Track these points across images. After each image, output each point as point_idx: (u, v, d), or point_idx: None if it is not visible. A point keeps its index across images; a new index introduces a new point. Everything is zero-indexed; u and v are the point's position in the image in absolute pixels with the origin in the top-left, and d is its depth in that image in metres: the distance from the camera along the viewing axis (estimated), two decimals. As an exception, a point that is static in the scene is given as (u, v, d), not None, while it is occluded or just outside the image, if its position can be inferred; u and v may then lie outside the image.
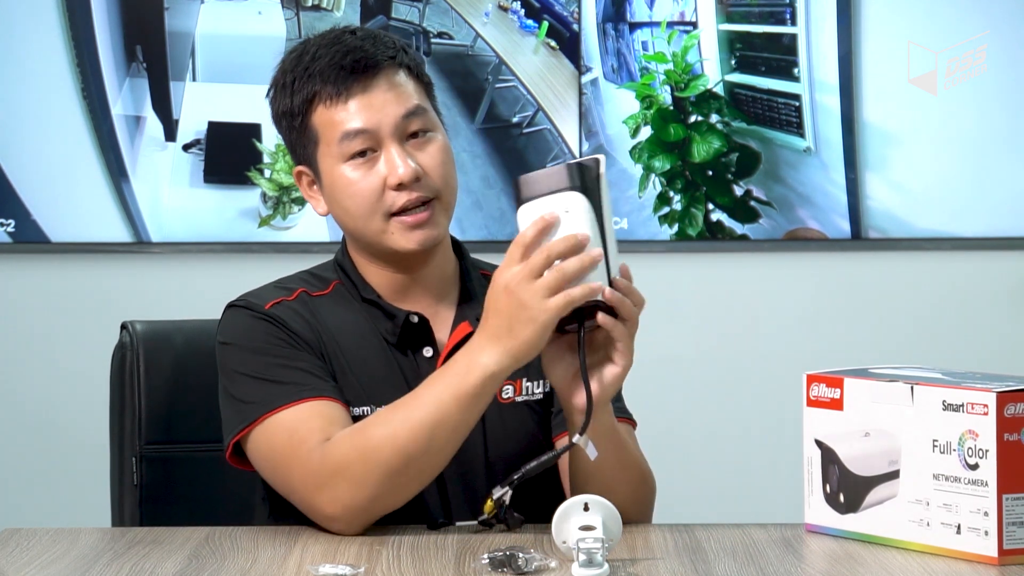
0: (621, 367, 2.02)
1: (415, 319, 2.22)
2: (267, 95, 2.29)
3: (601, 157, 2.01)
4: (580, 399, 2.02)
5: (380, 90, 2.19)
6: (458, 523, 2.13)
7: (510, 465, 2.15)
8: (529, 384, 2.25)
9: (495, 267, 2.34)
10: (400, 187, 2.17)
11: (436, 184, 2.20)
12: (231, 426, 2.16)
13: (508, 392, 2.23)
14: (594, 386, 2.02)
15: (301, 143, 2.23)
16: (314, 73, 2.20)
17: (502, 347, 1.99)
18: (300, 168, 2.26)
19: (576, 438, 2.01)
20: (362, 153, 2.18)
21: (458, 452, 2.11)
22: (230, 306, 2.24)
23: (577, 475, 2.12)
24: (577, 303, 1.96)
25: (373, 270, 2.25)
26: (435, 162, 2.20)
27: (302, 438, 2.08)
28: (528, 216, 2.00)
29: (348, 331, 2.22)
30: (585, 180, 1.98)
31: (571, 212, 1.97)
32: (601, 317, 1.98)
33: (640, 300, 2.01)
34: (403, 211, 2.18)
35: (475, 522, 2.08)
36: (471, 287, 2.27)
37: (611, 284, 1.99)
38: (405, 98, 2.20)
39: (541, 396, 2.26)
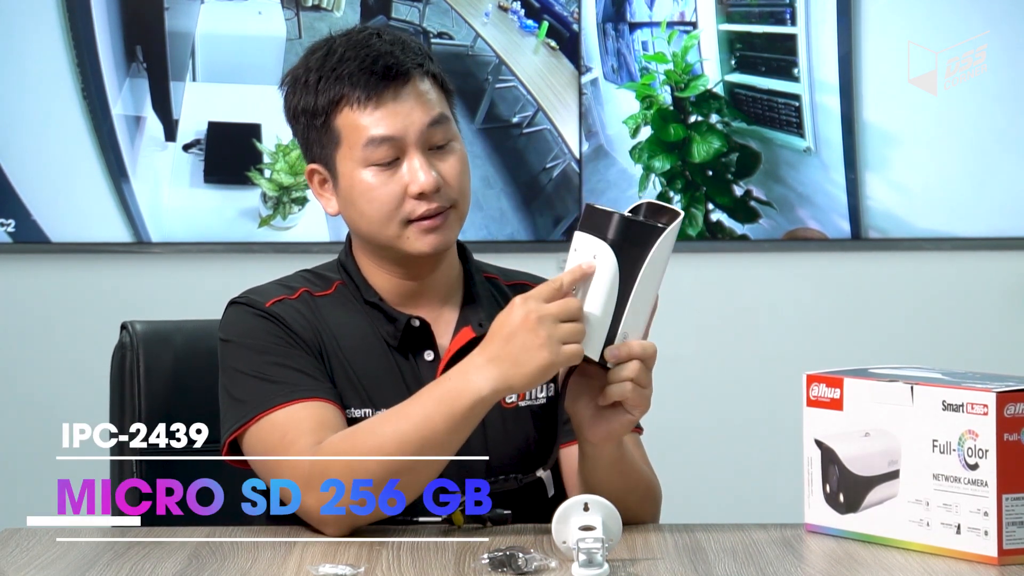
0: (634, 416, 2.04)
1: (416, 323, 2.22)
2: (281, 86, 2.27)
3: (678, 217, 1.98)
4: (594, 435, 2.06)
5: (408, 98, 2.19)
6: (420, 518, 2.13)
7: (511, 469, 2.17)
8: (533, 389, 2.25)
9: (499, 269, 2.34)
10: (421, 196, 2.18)
11: (454, 195, 2.21)
12: (227, 424, 2.16)
13: (512, 397, 2.23)
14: (604, 428, 2.04)
15: (320, 143, 2.23)
16: (343, 75, 2.19)
17: (502, 374, 1.99)
18: (314, 166, 2.25)
19: (539, 472, 2.08)
20: (386, 162, 2.19)
21: (459, 457, 2.11)
22: (232, 302, 2.24)
23: (585, 491, 2.12)
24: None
25: (379, 273, 2.25)
26: (454, 172, 2.21)
27: (292, 440, 2.08)
28: (575, 245, 1.99)
29: (349, 333, 2.22)
30: (630, 236, 1.96)
31: (598, 259, 1.97)
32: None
33: (645, 355, 2.01)
34: (420, 218, 2.19)
35: (438, 519, 2.09)
36: (475, 291, 2.27)
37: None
38: (430, 107, 2.20)
39: (544, 401, 2.26)
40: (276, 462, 2.10)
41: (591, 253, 1.97)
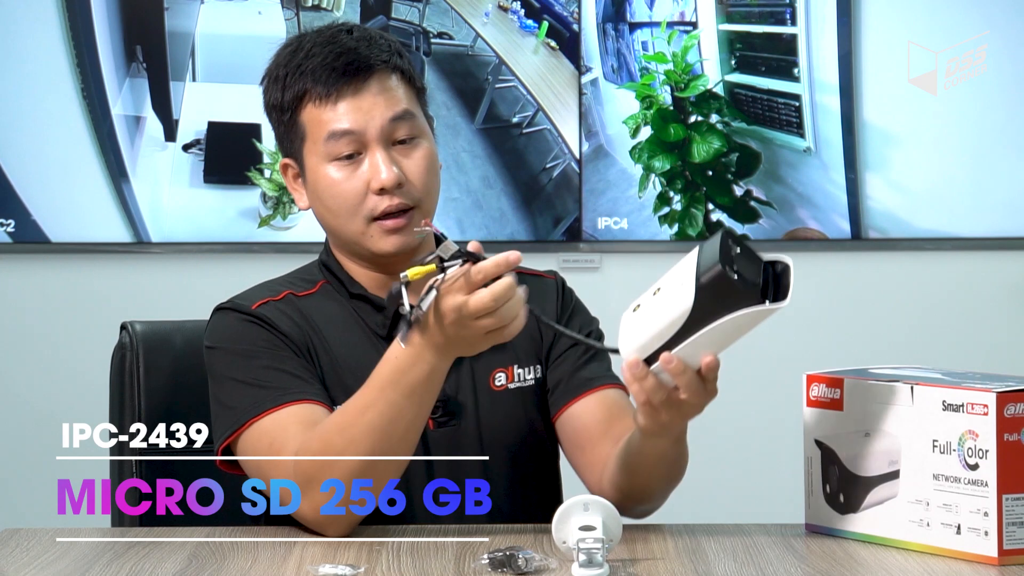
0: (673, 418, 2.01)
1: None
2: (261, 82, 2.29)
3: (780, 305, 1.92)
4: (642, 422, 2.00)
5: (370, 93, 2.20)
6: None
7: (505, 453, 2.20)
8: (521, 371, 2.26)
9: None
10: (382, 192, 2.18)
11: (418, 192, 2.20)
12: (219, 432, 2.16)
13: (501, 380, 2.24)
14: (652, 419, 2.00)
15: (289, 137, 2.25)
16: (306, 71, 2.20)
17: (446, 354, 1.98)
18: (286, 160, 2.28)
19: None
20: (348, 155, 2.19)
21: (451, 443, 2.13)
22: (218, 308, 2.25)
23: (627, 463, 2.11)
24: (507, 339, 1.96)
25: (357, 268, 2.26)
26: (419, 170, 2.21)
27: (280, 446, 2.09)
28: (684, 261, 1.89)
29: (337, 328, 2.23)
30: (719, 292, 1.87)
31: (680, 293, 1.88)
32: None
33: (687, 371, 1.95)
34: (383, 216, 2.19)
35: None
36: None
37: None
38: (394, 102, 2.21)
39: (532, 382, 2.27)
40: (266, 468, 2.11)
41: (680, 281, 1.88)
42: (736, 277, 1.86)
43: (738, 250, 1.88)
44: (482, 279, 1.92)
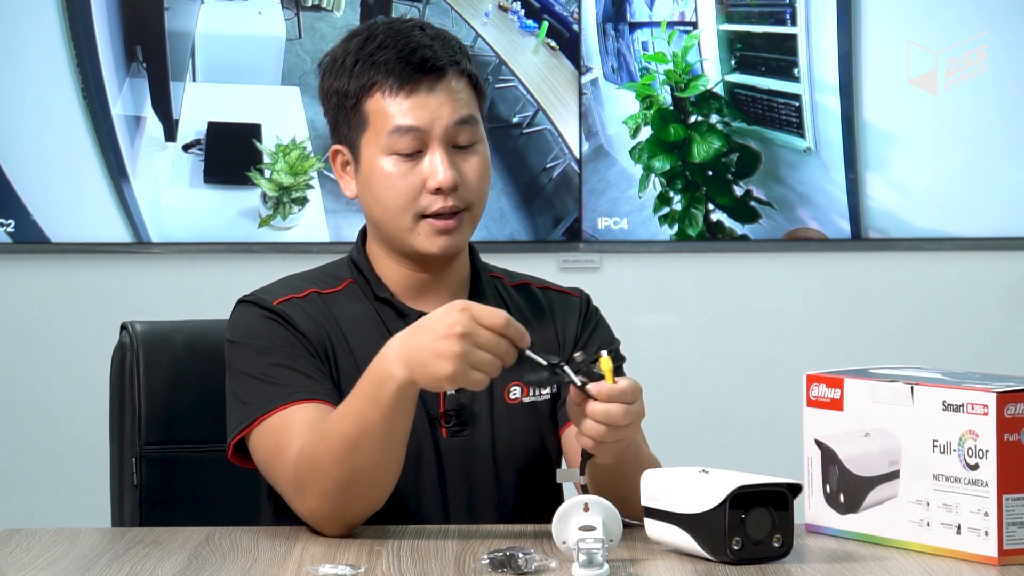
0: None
1: None
2: (319, 65, 2.28)
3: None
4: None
5: (440, 93, 2.20)
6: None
7: (518, 466, 2.20)
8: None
9: (504, 270, 2.35)
10: (437, 192, 2.18)
11: (471, 196, 2.21)
12: (232, 426, 2.17)
13: (515, 393, 2.24)
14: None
15: (347, 124, 2.24)
16: (379, 62, 2.20)
17: (410, 367, 1.97)
18: (338, 147, 2.26)
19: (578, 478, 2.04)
20: (409, 152, 2.19)
21: (464, 452, 2.14)
22: (241, 301, 2.25)
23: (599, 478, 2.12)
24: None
25: (391, 266, 2.25)
26: (475, 174, 2.21)
27: (285, 444, 2.09)
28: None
29: (358, 329, 2.22)
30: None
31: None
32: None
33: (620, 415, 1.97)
34: (434, 215, 2.19)
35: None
36: (482, 287, 2.28)
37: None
38: (460, 105, 2.21)
39: (548, 396, 2.27)
40: (272, 466, 2.13)
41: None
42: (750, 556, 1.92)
43: (743, 516, 1.94)
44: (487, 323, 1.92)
